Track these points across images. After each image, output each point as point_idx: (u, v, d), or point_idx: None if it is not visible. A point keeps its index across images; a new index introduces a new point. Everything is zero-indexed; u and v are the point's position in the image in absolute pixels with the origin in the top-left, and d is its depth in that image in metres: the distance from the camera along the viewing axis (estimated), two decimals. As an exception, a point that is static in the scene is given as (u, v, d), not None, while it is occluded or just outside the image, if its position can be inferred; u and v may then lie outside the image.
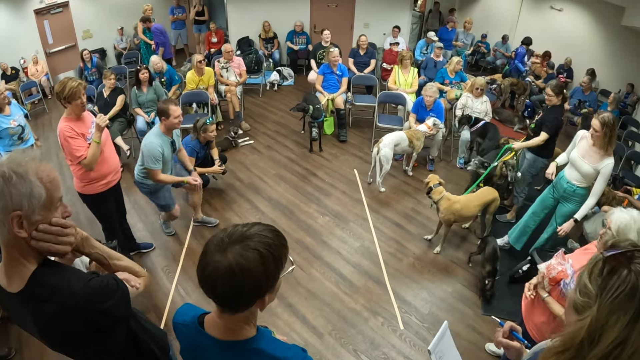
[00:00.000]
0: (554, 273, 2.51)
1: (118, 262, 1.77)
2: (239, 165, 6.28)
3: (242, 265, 1.20)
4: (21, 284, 1.43)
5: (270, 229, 1.31)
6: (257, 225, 1.30)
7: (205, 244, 1.29)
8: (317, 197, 5.60)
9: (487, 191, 4.65)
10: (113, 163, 3.91)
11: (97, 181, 3.78)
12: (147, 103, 6.29)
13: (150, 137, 4.08)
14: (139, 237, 4.82)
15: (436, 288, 4.31)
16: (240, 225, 1.29)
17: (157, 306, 4.08)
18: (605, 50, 8.16)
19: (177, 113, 4.00)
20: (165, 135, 4.12)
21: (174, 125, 4.07)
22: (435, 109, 5.89)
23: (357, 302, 4.12)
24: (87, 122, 3.62)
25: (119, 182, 4.11)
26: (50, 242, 1.43)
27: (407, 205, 5.48)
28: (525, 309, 2.87)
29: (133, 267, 1.84)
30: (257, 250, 1.22)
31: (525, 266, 4.24)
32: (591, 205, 3.76)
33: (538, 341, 2.85)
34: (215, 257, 1.22)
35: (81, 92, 3.37)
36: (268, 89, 8.96)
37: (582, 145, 3.75)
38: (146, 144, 4.05)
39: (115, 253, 1.77)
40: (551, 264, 2.56)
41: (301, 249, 4.74)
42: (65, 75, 9.43)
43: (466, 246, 4.85)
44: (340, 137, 6.98)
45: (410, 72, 6.91)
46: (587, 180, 3.80)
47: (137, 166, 4.30)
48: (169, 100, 4.11)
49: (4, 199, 1.31)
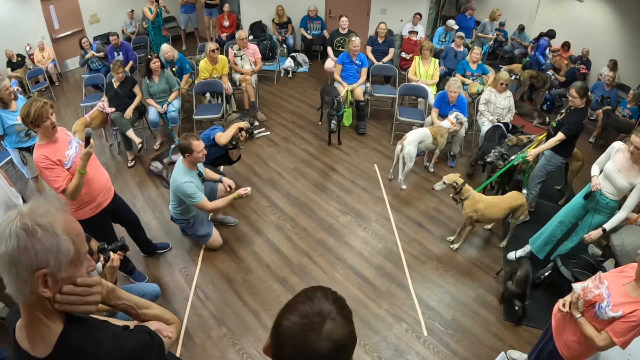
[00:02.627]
0: (590, 296, 2.50)
1: (147, 311, 1.67)
2: (255, 158, 6.20)
3: (341, 341, 1.13)
4: (47, 348, 1.31)
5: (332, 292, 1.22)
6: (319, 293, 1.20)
7: (283, 336, 1.15)
8: (338, 194, 5.53)
9: (515, 196, 4.56)
10: (101, 182, 3.61)
11: (86, 205, 3.52)
12: (159, 93, 6.15)
13: (178, 177, 4.01)
14: (154, 237, 4.77)
15: (459, 293, 4.28)
16: (308, 301, 1.17)
17: (176, 311, 4.02)
18: (626, 43, 7.95)
19: (200, 147, 3.94)
20: (192, 170, 4.08)
21: (198, 159, 4.02)
22: (458, 105, 5.77)
23: (380, 308, 4.10)
24: (63, 142, 3.32)
25: (117, 199, 3.92)
26: (75, 304, 1.31)
27: (429, 204, 5.41)
28: (556, 325, 2.86)
29: (164, 315, 1.73)
30: (345, 317, 1.17)
31: (547, 272, 4.21)
32: (622, 218, 3.69)
33: (566, 359, 2.85)
34: (314, 343, 1.11)
35: (48, 112, 3.08)
36: (282, 76, 8.80)
37: (618, 159, 3.65)
38: (178, 187, 3.99)
39: (143, 301, 1.66)
40: (588, 286, 2.54)
41: (323, 250, 4.70)
42: (72, 60, 9.38)
43: (489, 249, 4.81)
44: (359, 129, 6.87)
45: (432, 63, 6.76)
46: (621, 194, 3.73)
47: (171, 205, 4.29)
48: (189, 136, 3.97)
49: (27, 255, 1.17)
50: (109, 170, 5.84)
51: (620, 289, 2.49)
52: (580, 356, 2.77)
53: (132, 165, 6.05)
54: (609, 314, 2.42)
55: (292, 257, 4.62)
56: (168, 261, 4.59)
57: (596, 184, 3.76)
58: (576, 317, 2.59)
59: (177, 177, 4.02)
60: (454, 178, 4.47)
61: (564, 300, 2.68)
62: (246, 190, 4.17)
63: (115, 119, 5.82)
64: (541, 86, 8.21)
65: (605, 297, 2.47)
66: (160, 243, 4.69)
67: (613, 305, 2.43)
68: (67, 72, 9.47)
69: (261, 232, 4.92)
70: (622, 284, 2.51)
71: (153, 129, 6.40)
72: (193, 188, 3.99)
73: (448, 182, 4.48)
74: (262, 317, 3.99)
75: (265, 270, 4.46)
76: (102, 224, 3.75)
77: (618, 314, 2.40)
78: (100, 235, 3.65)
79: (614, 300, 2.45)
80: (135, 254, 4.52)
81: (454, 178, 4.47)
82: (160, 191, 5.56)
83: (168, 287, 4.29)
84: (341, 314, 1.16)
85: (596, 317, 2.51)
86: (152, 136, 6.62)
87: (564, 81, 8.15)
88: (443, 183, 4.52)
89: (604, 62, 8.00)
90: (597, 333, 2.51)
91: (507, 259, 4.63)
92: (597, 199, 3.86)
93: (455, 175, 4.52)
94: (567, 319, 2.72)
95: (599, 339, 2.49)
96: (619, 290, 2.48)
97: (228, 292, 4.23)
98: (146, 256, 4.60)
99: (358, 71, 6.74)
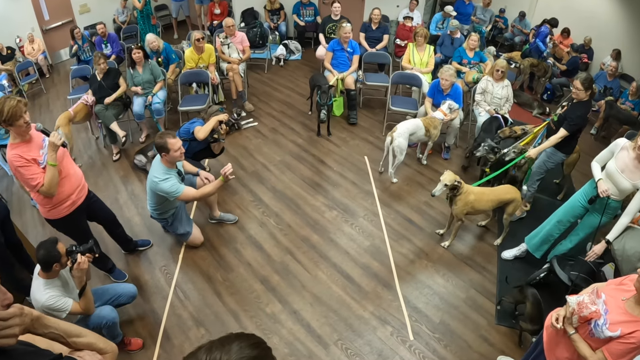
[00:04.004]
0: (586, 312, 2.24)
1: (79, 340, 1.54)
2: (241, 150, 5.97)
3: None
4: None
5: (252, 344, 1.07)
6: (235, 342, 1.05)
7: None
8: (325, 188, 5.30)
9: (507, 189, 4.32)
10: (74, 180, 3.53)
11: (60, 204, 3.44)
12: (143, 84, 5.94)
13: (154, 174, 3.84)
14: (136, 233, 4.61)
15: (449, 294, 4.07)
16: (214, 348, 1.03)
17: (155, 311, 3.90)
18: (630, 32, 7.65)
19: (176, 146, 3.73)
20: (170, 169, 3.89)
21: (175, 158, 3.82)
22: (453, 94, 5.49)
23: (365, 309, 3.89)
24: (37, 141, 3.24)
25: (91, 196, 3.79)
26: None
27: (420, 199, 5.17)
28: (547, 339, 2.63)
29: (97, 344, 1.61)
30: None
31: (543, 273, 3.98)
32: (625, 224, 3.42)
33: (557, 374, 2.63)
34: None
35: (22, 110, 2.98)
36: (274, 64, 8.53)
37: (622, 158, 3.38)
38: (156, 185, 3.81)
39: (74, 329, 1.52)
40: (583, 301, 2.28)
41: (307, 247, 4.49)
42: (64, 51, 9.14)
43: (482, 247, 4.58)
44: (350, 119, 6.62)
45: (426, 51, 6.47)
46: (623, 194, 3.47)
47: (149, 204, 4.14)
48: (164, 134, 3.77)
49: None
50: (94, 164, 5.73)
51: (619, 305, 2.24)
52: None
53: (117, 158, 5.87)
54: (606, 333, 2.18)
55: (275, 255, 4.41)
56: (149, 259, 4.42)
57: (604, 190, 3.46)
58: (570, 333, 2.35)
59: (154, 176, 3.84)
60: (452, 178, 4.11)
61: (558, 314, 2.44)
62: (228, 169, 3.79)
63: (99, 112, 5.63)
64: (542, 75, 7.93)
65: (602, 314, 2.23)
66: (141, 240, 4.54)
67: (611, 324, 2.19)
68: (58, 64, 9.27)
69: (244, 229, 4.72)
70: (622, 299, 2.26)
71: (138, 121, 6.20)
72: (171, 183, 3.81)
73: (449, 183, 4.10)
74: (241, 318, 3.82)
75: (247, 269, 4.27)
76: (77, 222, 3.67)
77: (616, 334, 2.16)
78: (75, 233, 3.64)
79: (611, 318, 2.21)
80: (115, 252, 4.40)
81: (452, 178, 4.11)
82: (144, 185, 5.35)
83: (148, 285, 4.13)
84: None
85: (592, 335, 2.27)
86: (137, 128, 6.41)
87: (565, 70, 7.87)
88: (444, 186, 4.12)
89: (607, 51, 7.72)
90: (591, 352, 2.27)
91: (502, 258, 4.41)
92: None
93: (452, 174, 4.17)
94: (560, 334, 2.48)
95: (593, 358, 2.26)
96: (617, 307, 2.24)
97: (208, 291, 4.06)
98: (127, 254, 4.44)
99: (349, 59, 6.47)
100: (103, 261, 4.00)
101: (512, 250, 4.44)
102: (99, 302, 3.28)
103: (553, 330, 2.49)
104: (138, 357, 3.52)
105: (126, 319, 3.76)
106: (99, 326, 3.17)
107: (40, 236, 4.40)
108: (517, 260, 4.41)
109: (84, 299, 2.98)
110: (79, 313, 3.00)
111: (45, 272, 2.85)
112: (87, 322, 3.11)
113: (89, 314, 3.09)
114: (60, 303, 2.87)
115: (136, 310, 3.88)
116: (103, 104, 5.65)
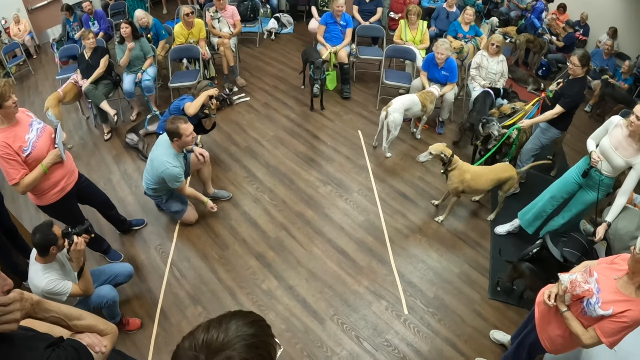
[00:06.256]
0: (579, 291, 2.27)
1: (79, 322, 1.53)
2: (234, 126, 5.90)
3: None
4: None
5: (250, 322, 1.05)
6: (233, 321, 1.04)
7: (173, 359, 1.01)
8: (319, 163, 5.28)
9: (504, 167, 4.32)
10: (64, 166, 3.47)
11: (49, 190, 3.39)
12: (133, 60, 5.79)
13: (166, 159, 3.86)
14: (130, 213, 4.59)
15: (442, 269, 4.11)
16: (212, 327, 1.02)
17: (152, 290, 3.91)
18: (627, 10, 7.56)
19: (188, 131, 3.78)
20: (179, 153, 3.95)
21: (187, 144, 3.87)
22: (447, 67, 5.43)
23: (360, 284, 3.93)
24: (24, 125, 3.17)
25: (82, 180, 3.74)
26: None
27: (415, 174, 5.17)
28: (539, 316, 2.66)
29: (97, 326, 1.61)
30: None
31: (536, 249, 4.01)
32: (622, 204, 3.42)
33: (549, 351, 2.67)
34: None
35: (9, 91, 2.93)
36: (265, 37, 8.36)
37: (616, 135, 3.37)
38: (165, 170, 3.83)
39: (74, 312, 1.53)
40: (576, 279, 2.29)
41: (302, 223, 4.50)
42: (52, 30, 8.89)
43: (476, 222, 4.61)
44: (343, 93, 6.54)
45: (419, 28, 6.33)
46: (617, 172, 3.48)
47: (146, 182, 4.13)
48: (176, 119, 3.79)
49: None
50: (85, 144, 5.66)
51: (611, 284, 2.26)
52: (564, 349, 2.59)
53: (109, 138, 5.77)
54: (598, 312, 2.21)
55: (270, 231, 4.42)
56: (144, 238, 4.41)
57: (596, 158, 3.46)
58: (562, 310, 2.38)
59: (164, 160, 3.85)
60: (440, 148, 4.16)
61: (550, 291, 2.46)
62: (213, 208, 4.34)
63: (88, 92, 5.51)
64: (537, 51, 7.87)
65: (594, 293, 2.25)
66: (135, 220, 4.51)
67: (603, 302, 2.22)
68: (46, 44, 8.96)
69: (238, 205, 4.70)
70: (614, 278, 2.28)
71: (129, 99, 6.08)
72: (179, 174, 3.89)
73: (435, 152, 4.16)
74: (238, 295, 3.84)
75: (242, 245, 4.28)
76: (68, 208, 3.64)
77: (608, 312, 2.18)
78: (67, 218, 3.57)
79: (604, 297, 2.23)
80: (110, 232, 4.38)
81: (440, 148, 4.16)
82: (136, 164, 5.31)
83: (144, 265, 4.14)
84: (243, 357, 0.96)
85: (584, 313, 2.30)
86: (128, 107, 6.29)
87: (562, 46, 7.80)
88: (429, 154, 4.20)
89: (603, 29, 7.65)
90: (583, 330, 2.30)
91: (495, 233, 4.45)
92: (592, 175, 3.62)
93: (442, 145, 4.20)
94: (552, 311, 2.50)
95: (585, 336, 2.29)
96: (609, 286, 2.26)
97: (204, 269, 4.07)
98: (122, 234, 4.43)
99: (342, 32, 6.37)
100: (98, 242, 3.99)
101: (505, 225, 4.46)
102: (97, 283, 3.27)
103: (545, 307, 2.52)
104: (137, 337, 3.54)
105: (123, 299, 3.76)
106: (99, 306, 3.18)
107: (34, 221, 4.34)
108: (510, 235, 4.44)
109: (82, 280, 2.97)
110: (78, 295, 3.00)
111: (43, 256, 2.84)
112: (88, 302, 3.11)
113: (89, 295, 3.09)
114: (60, 286, 2.86)
115: (133, 290, 3.89)
116: (92, 84, 5.53)
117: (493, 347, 3.52)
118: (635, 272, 2.15)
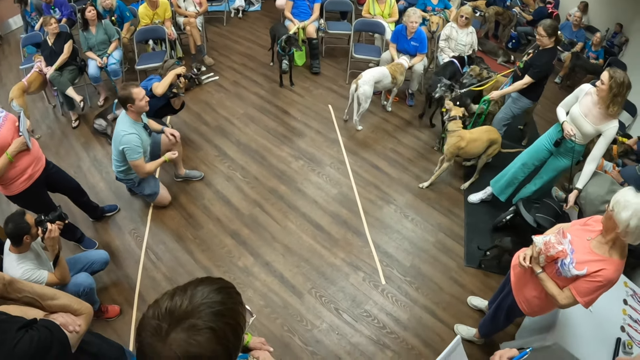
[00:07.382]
0: (553, 252, 2.29)
1: (53, 302, 1.50)
2: (204, 105, 5.77)
3: (194, 354, 0.89)
4: None
5: (217, 288, 1.00)
6: (199, 287, 0.99)
7: (137, 329, 0.96)
8: (290, 138, 5.23)
9: (491, 128, 4.44)
10: (29, 154, 3.38)
11: (16, 179, 3.32)
12: (98, 45, 5.57)
13: (123, 128, 3.73)
14: (102, 199, 4.46)
15: (418, 238, 4.15)
16: (176, 294, 0.97)
17: (129, 275, 3.82)
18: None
19: (141, 95, 3.69)
20: (137, 121, 3.81)
21: (142, 108, 3.76)
22: (417, 38, 5.41)
23: (336, 257, 3.93)
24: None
25: (50, 167, 3.64)
26: None
27: (387, 145, 5.17)
28: (515, 279, 2.70)
29: (71, 305, 1.57)
30: (209, 328, 0.91)
31: (509, 216, 4.08)
32: (591, 170, 3.48)
33: (526, 313, 2.71)
34: (157, 349, 0.89)
35: None
36: (233, 16, 8.15)
37: (585, 103, 3.40)
38: (122, 139, 3.72)
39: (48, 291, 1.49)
40: (550, 241, 2.32)
41: (275, 199, 4.46)
42: (14, 20, 8.44)
43: (448, 191, 4.66)
44: (312, 68, 6.47)
45: (387, 2, 6.28)
46: (587, 139, 3.52)
47: (114, 164, 4.00)
48: (127, 85, 3.70)
49: None
50: (53, 133, 5.46)
51: (585, 245, 2.30)
52: (541, 311, 2.63)
53: (77, 125, 5.56)
54: (573, 272, 2.24)
55: (243, 208, 4.37)
56: (117, 224, 4.30)
57: (570, 131, 3.49)
58: (537, 272, 2.41)
59: (121, 129, 3.74)
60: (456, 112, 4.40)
61: (525, 253, 2.49)
62: (174, 154, 4.10)
63: (54, 79, 5.28)
64: (507, 24, 7.91)
65: (568, 254, 2.28)
66: (108, 206, 4.39)
67: (577, 263, 2.25)
68: (8, 34, 8.49)
69: (210, 184, 4.63)
70: (587, 239, 2.32)
71: (95, 84, 5.86)
72: (137, 143, 3.75)
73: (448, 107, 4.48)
74: (215, 274, 3.76)
75: (216, 224, 4.22)
76: (38, 196, 3.56)
77: (582, 272, 2.21)
78: (38, 206, 3.47)
79: (577, 257, 2.26)
80: (83, 220, 4.26)
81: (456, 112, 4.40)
82: (106, 150, 5.15)
83: (119, 251, 4.04)
84: (209, 325, 0.91)
85: (558, 274, 2.33)
86: (95, 92, 6.07)
87: (531, 20, 7.85)
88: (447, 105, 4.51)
89: (574, 2, 7.68)
90: (559, 291, 2.34)
91: (468, 201, 4.50)
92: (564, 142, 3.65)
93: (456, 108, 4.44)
94: (527, 273, 2.54)
95: (561, 297, 2.32)
96: (583, 246, 2.29)
97: (179, 250, 4.01)
98: (95, 221, 4.31)
99: (310, 7, 6.27)
100: (72, 231, 3.88)
101: (478, 193, 4.52)
102: (73, 271, 3.19)
103: (521, 270, 2.56)
104: (117, 324, 3.47)
105: (101, 287, 3.67)
106: (76, 294, 3.09)
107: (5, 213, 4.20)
108: (484, 203, 4.50)
109: (58, 268, 2.90)
110: (55, 284, 2.91)
111: (16, 246, 2.75)
112: (65, 291, 3.03)
113: (65, 284, 3.01)
114: (35, 276, 2.78)
115: (110, 277, 3.80)
116: (57, 71, 5.32)
117: (471, 313, 3.58)
118: (608, 229, 2.19)
